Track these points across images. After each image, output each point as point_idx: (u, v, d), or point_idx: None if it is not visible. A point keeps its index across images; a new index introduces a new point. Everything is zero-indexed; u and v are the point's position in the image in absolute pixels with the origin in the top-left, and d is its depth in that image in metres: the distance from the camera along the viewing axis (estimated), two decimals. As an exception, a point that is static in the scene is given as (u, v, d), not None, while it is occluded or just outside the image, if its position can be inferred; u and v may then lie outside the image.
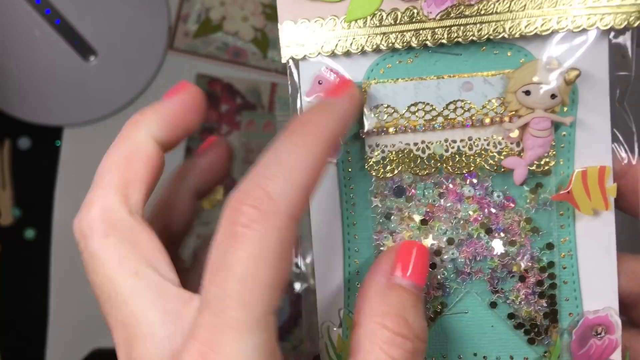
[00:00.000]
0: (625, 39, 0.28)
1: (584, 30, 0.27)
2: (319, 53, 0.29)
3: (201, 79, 0.74)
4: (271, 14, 0.73)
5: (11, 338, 0.74)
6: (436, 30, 0.28)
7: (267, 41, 0.73)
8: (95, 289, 0.26)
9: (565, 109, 0.29)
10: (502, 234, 0.30)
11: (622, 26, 0.27)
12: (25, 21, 0.70)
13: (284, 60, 0.29)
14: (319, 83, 0.29)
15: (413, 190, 0.30)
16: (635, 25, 0.27)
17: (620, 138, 0.29)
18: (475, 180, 0.30)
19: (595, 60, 0.28)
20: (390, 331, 0.25)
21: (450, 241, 0.30)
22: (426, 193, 0.30)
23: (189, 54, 0.73)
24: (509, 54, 0.29)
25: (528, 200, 0.30)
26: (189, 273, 0.29)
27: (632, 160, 0.29)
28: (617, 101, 0.29)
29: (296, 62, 0.29)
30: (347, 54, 0.29)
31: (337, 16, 0.28)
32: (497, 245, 0.30)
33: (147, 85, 0.73)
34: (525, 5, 0.27)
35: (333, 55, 0.29)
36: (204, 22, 0.73)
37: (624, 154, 0.29)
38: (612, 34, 0.28)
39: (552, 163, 0.29)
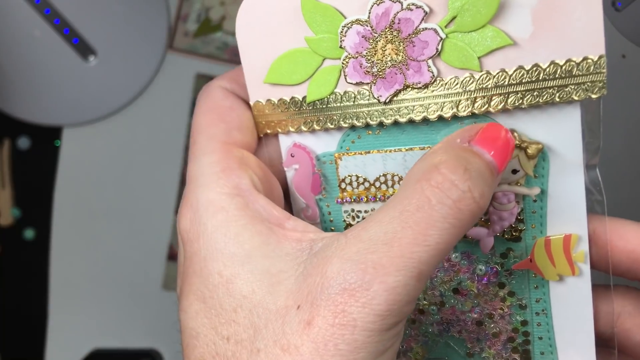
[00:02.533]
0: (595, 108, 0.27)
1: (546, 103, 0.27)
2: (288, 130, 0.30)
3: (201, 79, 0.73)
4: (271, 14, 0.72)
5: (11, 338, 0.75)
6: (390, 110, 0.29)
7: (267, 41, 0.72)
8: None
9: (534, 177, 0.29)
10: (481, 307, 0.31)
11: (581, 98, 0.27)
12: (25, 21, 0.71)
13: (260, 134, 0.31)
14: (292, 156, 0.31)
15: None
16: (595, 97, 0.26)
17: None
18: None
19: (566, 130, 0.27)
20: (441, 174, 0.24)
21: (434, 302, 0.32)
22: None
23: (189, 54, 0.73)
24: (474, 123, 0.28)
25: (500, 265, 0.31)
26: None
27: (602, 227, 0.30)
28: (587, 167, 0.29)
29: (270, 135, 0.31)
30: (313, 131, 0.30)
31: (299, 97, 0.30)
32: (476, 316, 0.31)
33: (146, 85, 0.74)
34: (473, 83, 0.27)
35: (300, 132, 0.30)
36: (204, 22, 0.73)
37: (593, 221, 0.29)
38: (579, 104, 0.27)
39: (522, 230, 0.30)
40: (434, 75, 0.27)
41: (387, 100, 0.28)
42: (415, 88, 0.28)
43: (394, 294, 0.23)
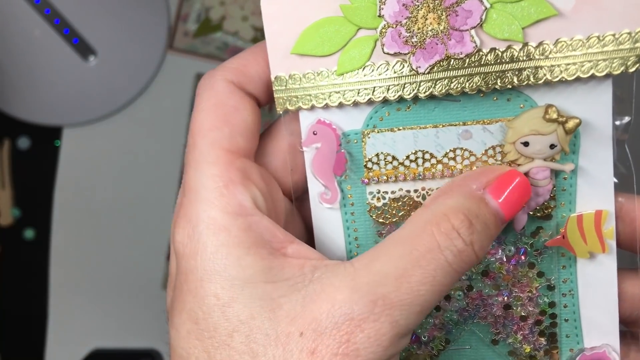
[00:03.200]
0: (628, 83, 0.28)
1: (579, 78, 0.27)
2: (313, 105, 0.29)
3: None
4: (271, 14, 0.72)
5: (11, 338, 0.74)
6: (427, 83, 0.28)
7: (267, 41, 0.72)
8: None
9: (567, 153, 0.29)
10: (509, 290, 0.31)
11: (620, 72, 0.27)
12: (25, 21, 0.71)
13: (279, 111, 0.29)
14: (314, 134, 0.30)
15: None
16: (632, 70, 0.27)
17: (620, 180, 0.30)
18: None
19: (597, 106, 0.28)
20: (450, 223, 0.26)
21: (460, 287, 0.31)
22: None
23: (189, 54, 0.73)
24: (508, 100, 0.28)
25: (530, 245, 0.30)
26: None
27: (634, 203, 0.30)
28: (616, 143, 0.29)
29: (292, 112, 0.30)
30: (340, 105, 0.29)
31: (328, 69, 0.28)
32: (503, 299, 0.31)
33: (146, 85, 0.74)
34: (514, 57, 0.27)
35: (326, 107, 0.29)
36: (204, 21, 0.72)
37: (620, 198, 0.30)
38: (612, 78, 0.28)
39: (553, 207, 0.30)
40: (476, 45, 0.27)
41: (426, 72, 0.27)
42: (457, 59, 0.27)
43: (397, 327, 0.24)
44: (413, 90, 0.28)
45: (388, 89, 0.28)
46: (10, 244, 0.74)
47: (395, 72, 0.28)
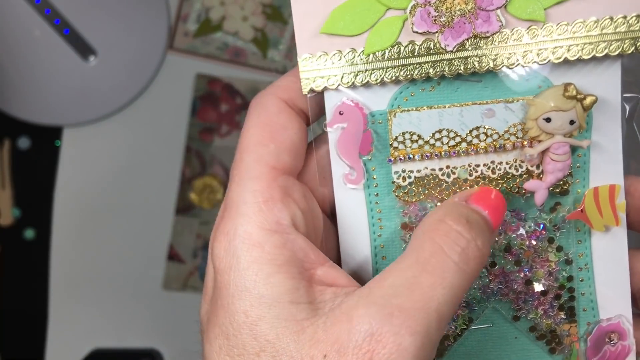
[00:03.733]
0: (635, 64, 0.30)
1: (595, 57, 0.29)
2: (339, 85, 0.29)
3: (201, 79, 0.73)
4: (271, 14, 0.72)
5: (11, 338, 0.74)
6: (453, 61, 0.29)
7: (267, 41, 0.72)
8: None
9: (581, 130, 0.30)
10: (530, 266, 0.32)
11: (631, 51, 0.29)
12: (25, 21, 0.71)
13: (304, 92, 0.30)
14: (340, 114, 0.30)
15: None
16: None
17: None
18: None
19: (608, 85, 0.30)
20: (447, 225, 0.26)
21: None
22: None
23: (189, 54, 0.73)
24: (527, 81, 0.30)
25: (548, 220, 0.31)
26: None
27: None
28: (626, 120, 0.31)
29: (316, 93, 0.30)
30: (367, 85, 0.30)
31: (355, 49, 0.29)
32: (525, 275, 0.32)
33: (147, 85, 0.74)
34: (537, 35, 0.29)
35: (353, 86, 0.30)
36: (204, 22, 0.72)
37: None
38: (622, 58, 0.29)
39: (570, 184, 0.31)
40: (502, 24, 0.28)
41: (454, 50, 0.29)
42: (483, 38, 0.28)
43: (419, 339, 0.24)
44: (440, 69, 0.29)
45: (415, 68, 0.29)
46: (10, 244, 0.74)
47: (422, 51, 0.29)
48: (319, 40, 0.29)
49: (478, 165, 0.30)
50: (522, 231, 0.31)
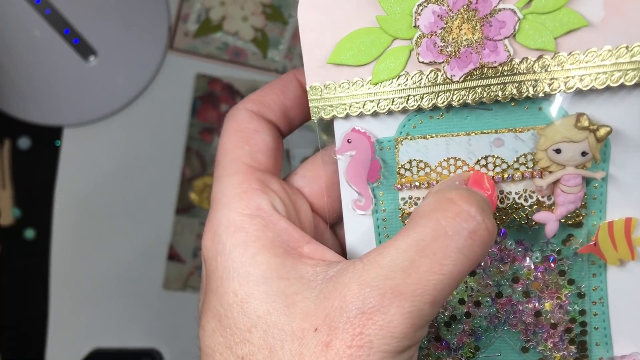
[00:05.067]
0: None
1: (609, 87, 0.28)
2: (347, 113, 0.30)
3: (201, 79, 0.72)
4: (271, 14, 0.72)
5: (11, 338, 0.74)
6: (460, 91, 0.28)
7: (267, 41, 0.72)
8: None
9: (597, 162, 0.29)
10: (539, 297, 0.31)
11: None
12: (25, 21, 0.70)
13: (313, 120, 0.30)
14: (348, 142, 0.30)
15: None
16: None
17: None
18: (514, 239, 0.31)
19: (625, 116, 0.29)
20: (457, 205, 0.26)
21: (489, 293, 0.31)
22: None
23: (189, 54, 0.72)
24: (539, 109, 0.29)
25: (557, 252, 0.31)
26: None
27: None
28: None
29: (325, 121, 0.30)
30: (375, 114, 0.30)
31: (363, 78, 0.29)
32: (534, 306, 0.31)
33: (147, 85, 0.73)
34: (548, 65, 0.28)
35: (361, 115, 0.30)
36: (204, 22, 0.72)
37: None
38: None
39: (583, 216, 0.30)
40: (510, 54, 0.28)
41: (460, 80, 0.28)
42: (491, 68, 0.28)
43: (410, 318, 0.24)
44: (447, 98, 0.28)
45: (422, 98, 0.29)
46: (10, 244, 0.73)
47: (429, 81, 0.28)
48: (328, 69, 0.29)
49: None
50: (528, 262, 0.30)
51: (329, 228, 0.33)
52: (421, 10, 0.28)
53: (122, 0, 0.71)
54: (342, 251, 0.32)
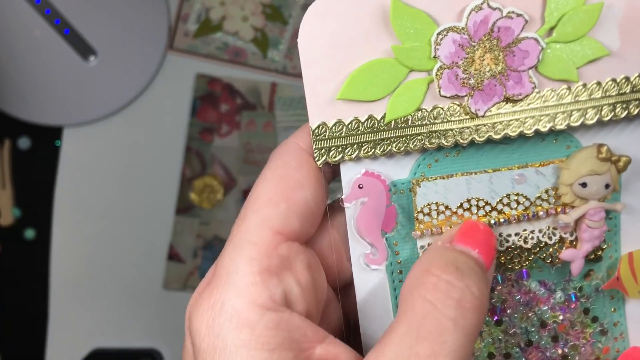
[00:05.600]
0: None
1: (626, 118, 0.27)
2: (357, 155, 0.27)
3: (201, 79, 0.72)
4: (271, 14, 0.72)
5: (11, 338, 0.74)
6: (482, 127, 0.26)
7: (267, 41, 0.72)
8: None
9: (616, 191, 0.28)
10: (565, 340, 0.30)
11: None
12: (25, 21, 0.69)
13: (319, 165, 0.27)
14: (359, 187, 0.27)
15: None
16: None
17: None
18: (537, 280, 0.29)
19: (636, 144, 0.28)
20: (435, 276, 0.23)
21: (517, 343, 0.30)
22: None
23: (189, 54, 0.72)
24: (554, 142, 0.28)
25: (579, 289, 0.29)
26: None
27: None
28: None
29: (331, 165, 0.27)
30: (389, 155, 0.27)
31: (374, 115, 0.26)
32: (562, 351, 0.30)
33: (147, 85, 0.73)
34: (569, 95, 0.26)
35: (374, 157, 0.27)
36: (204, 22, 0.72)
37: None
38: None
39: (604, 249, 0.29)
40: (535, 86, 0.26)
41: (484, 114, 0.26)
42: (516, 100, 0.26)
43: None
44: (469, 135, 0.26)
45: (442, 135, 0.26)
46: (10, 244, 0.73)
47: (450, 117, 0.26)
48: (334, 106, 0.26)
49: (509, 235, 0.28)
50: (553, 303, 0.29)
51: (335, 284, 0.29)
52: (441, 40, 0.25)
53: (122, 1, 0.71)
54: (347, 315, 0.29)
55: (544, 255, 0.28)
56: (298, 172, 0.26)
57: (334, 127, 0.26)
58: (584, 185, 0.27)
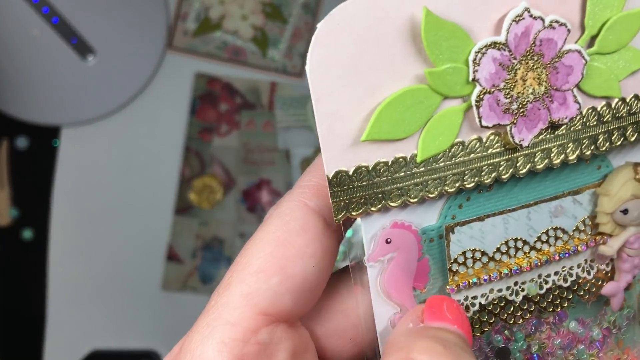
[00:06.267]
0: None
1: None
2: (385, 206, 0.22)
3: (200, 78, 0.72)
4: (271, 13, 0.71)
5: (10, 338, 0.73)
6: (524, 157, 0.23)
7: (266, 40, 0.71)
8: None
9: None
10: None
11: None
12: (23, 20, 0.68)
13: (336, 221, 0.21)
14: (387, 242, 0.22)
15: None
16: None
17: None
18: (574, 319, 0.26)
19: None
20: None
21: None
22: (529, 346, 0.27)
23: (188, 53, 0.72)
24: (587, 162, 0.24)
25: (613, 323, 0.27)
26: None
27: None
28: None
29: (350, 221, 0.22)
30: (422, 200, 0.22)
31: (404, 157, 0.21)
32: None
33: (145, 84, 0.72)
34: (611, 113, 0.23)
35: (404, 205, 0.22)
36: (203, 20, 0.71)
37: None
38: None
39: (635, 276, 0.26)
40: (580, 106, 0.22)
41: (529, 144, 0.22)
42: (560, 125, 0.22)
43: None
44: (510, 167, 0.23)
45: (482, 171, 0.22)
46: (8, 244, 0.72)
47: (488, 149, 0.22)
48: (355, 150, 0.21)
49: (549, 275, 0.25)
50: (590, 341, 0.27)
51: None
52: (480, 59, 0.21)
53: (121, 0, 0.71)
54: None
55: (582, 292, 0.25)
56: (300, 238, 0.21)
57: (354, 175, 0.21)
58: (625, 212, 0.24)
